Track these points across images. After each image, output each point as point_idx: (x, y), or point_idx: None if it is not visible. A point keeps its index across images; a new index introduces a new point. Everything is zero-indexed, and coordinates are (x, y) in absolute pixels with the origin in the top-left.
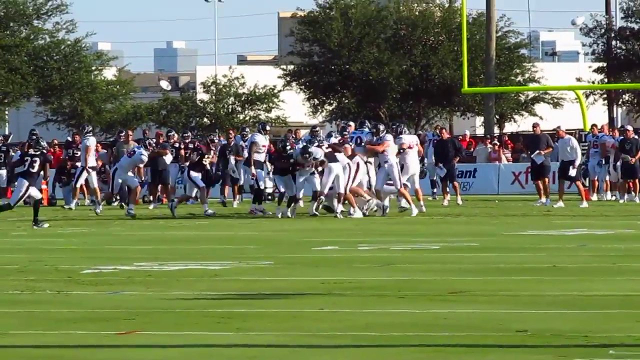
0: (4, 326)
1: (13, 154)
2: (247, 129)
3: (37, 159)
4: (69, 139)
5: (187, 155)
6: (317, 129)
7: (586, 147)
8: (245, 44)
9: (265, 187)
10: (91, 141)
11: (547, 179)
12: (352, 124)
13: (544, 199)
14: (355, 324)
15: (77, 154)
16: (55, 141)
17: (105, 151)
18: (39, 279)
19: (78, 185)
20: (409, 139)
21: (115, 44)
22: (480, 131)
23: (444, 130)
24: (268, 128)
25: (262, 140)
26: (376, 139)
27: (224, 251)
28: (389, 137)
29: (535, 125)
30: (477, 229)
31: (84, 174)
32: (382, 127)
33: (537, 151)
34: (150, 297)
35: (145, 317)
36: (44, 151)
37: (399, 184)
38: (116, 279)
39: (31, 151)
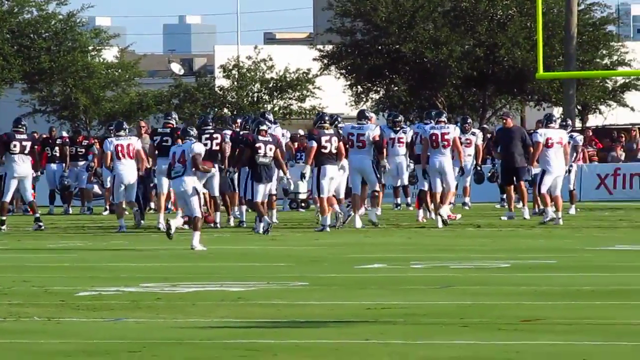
0: None
1: None
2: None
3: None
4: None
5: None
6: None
7: None
8: (274, 19)
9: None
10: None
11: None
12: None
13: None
14: (407, 358)
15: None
16: (36, 135)
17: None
18: (25, 303)
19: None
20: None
21: (117, 18)
22: None
23: (508, 119)
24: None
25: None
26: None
27: (248, 270)
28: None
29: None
30: (555, 244)
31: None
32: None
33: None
34: (160, 325)
35: (154, 349)
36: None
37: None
38: (119, 303)
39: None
